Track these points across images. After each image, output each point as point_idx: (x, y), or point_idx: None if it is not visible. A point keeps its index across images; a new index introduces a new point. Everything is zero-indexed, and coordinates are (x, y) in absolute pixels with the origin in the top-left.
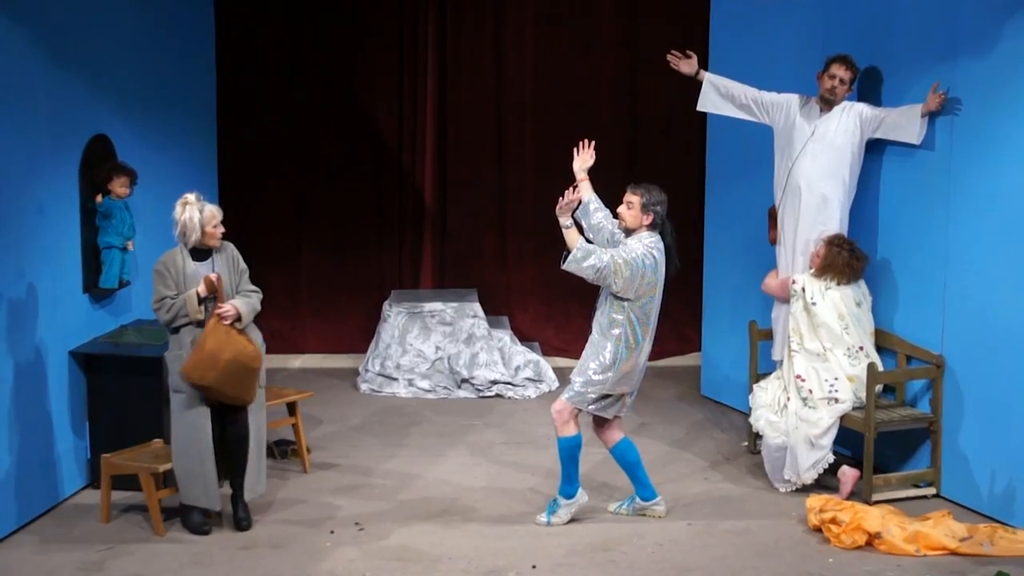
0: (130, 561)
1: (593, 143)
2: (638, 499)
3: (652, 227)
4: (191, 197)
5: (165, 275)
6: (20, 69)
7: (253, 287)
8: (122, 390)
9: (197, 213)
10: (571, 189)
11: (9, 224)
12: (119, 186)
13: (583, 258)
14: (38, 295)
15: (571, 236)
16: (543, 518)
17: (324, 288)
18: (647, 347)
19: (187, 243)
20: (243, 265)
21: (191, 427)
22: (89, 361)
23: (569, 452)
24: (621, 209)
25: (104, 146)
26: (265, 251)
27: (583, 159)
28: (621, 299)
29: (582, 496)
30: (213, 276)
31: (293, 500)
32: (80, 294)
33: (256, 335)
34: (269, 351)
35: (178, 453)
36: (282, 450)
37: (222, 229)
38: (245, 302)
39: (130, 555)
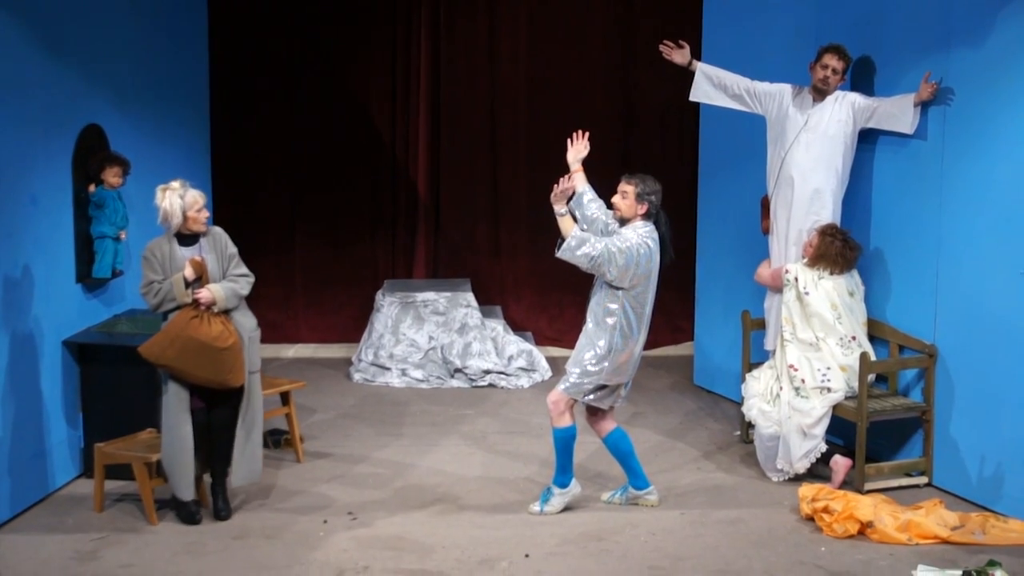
0: (123, 550)
1: (587, 133)
2: (631, 488)
3: (647, 217)
4: (175, 184)
5: (152, 260)
6: (13, 59)
7: (244, 271)
8: (115, 380)
9: (178, 199)
10: (566, 177)
11: (2, 214)
12: (112, 176)
13: (577, 246)
14: (31, 285)
15: (566, 224)
16: (536, 507)
17: (317, 278)
18: (642, 337)
19: (170, 228)
20: (232, 249)
21: (170, 415)
22: (82, 351)
23: (564, 443)
24: (616, 199)
25: (97, 136)
26: (259, 241)
27: (577, 150)
28: (616, 289)
29: (575, 487)
30: (199, 258)
31: (286, 489)
32: (73, 284)
33: (247, 319)
34: (262, 341)
35: (163, 442)
36: (275, 440)
37: (206, 214)
38: (224, 286)
39: (123, 544)
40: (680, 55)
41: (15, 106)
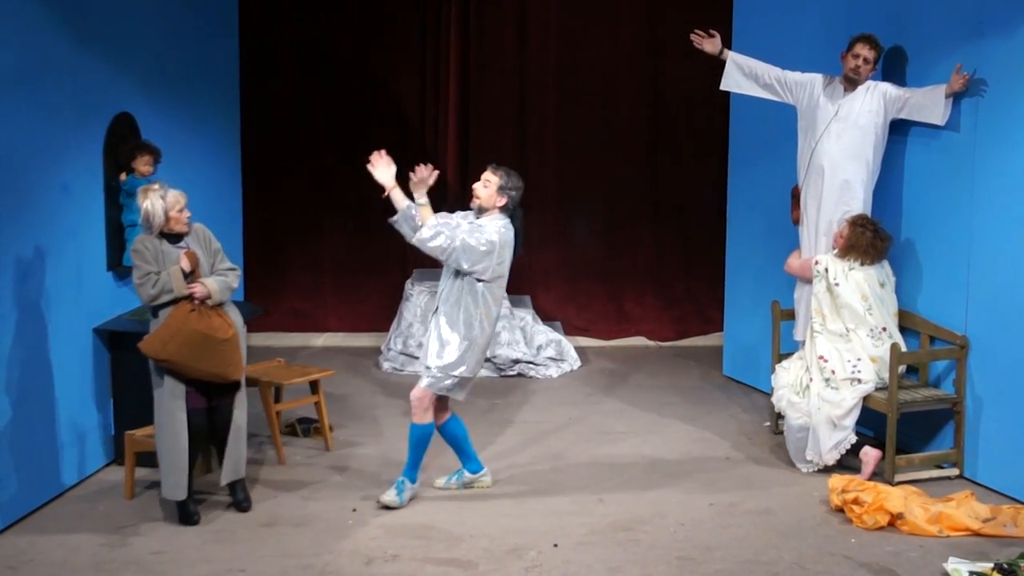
0: (154, 538)
1: (384, 151)
2: (466, 472)
3: (504, 210)
4: (155, 185)
5: (144, 252)
6: (44, 48)
7: (230, 265)
8: (145, 368)
9: (159, 200)
10: (426, 166)
11: (34, 202)
12: (143, 164)
13: (431, 238)
14: (62, 273)
15: (425, 213)
16: (393, 498)
17: (346, 267)
18: (493, 329)
19: (152, 230)
20: (216, 244)
21: (165, 413)
22: (113, 338)
23: (423, 440)
24: (477, 186)
25: (128, 124)
26: (287, 230)
27: (382, 168)
28: (477, 283)
29: (418, 484)
30: (191, 250)
31: (315, 478)
32: (104, 272)
33: (236, 315)
34: (291, 330)
35: (157, 442)
36: (304, 428)
37: (188, 214)
38: (217, 280)
39: (153, 532)
40: (711, 44)
41: (46, 94)
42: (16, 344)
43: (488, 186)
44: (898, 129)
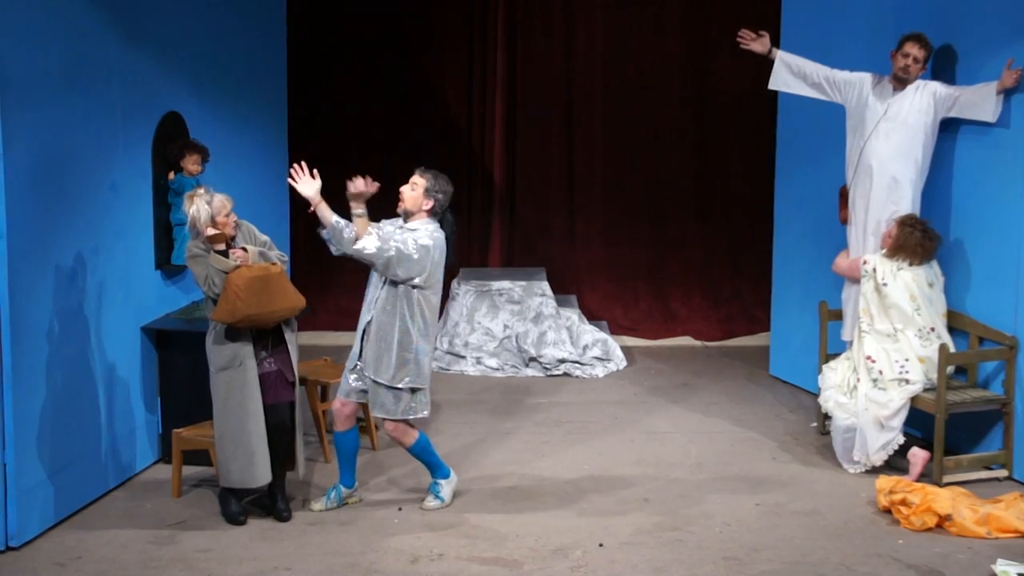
0: (201, 536)
1: (304, 164)
2: (343, 488)
3: (431, 214)
4: (200, 190)
5: (201, 256)
6: (94, 47)
7: (279, 253)
8: (193, 366)
9: (205, 206)
10: (364, 179)
11: (83, 201)
12: (191, 163)
13: (369, 248)
14: (111, 272)
15: (361, 224)
16: (435, 502)
17: None
18: (433, 337)
19: (201, 235)
20: (263, 237)
21: (240, 405)
22: (161, 337)
23: (425, 450)
24: (404, 188)
25: (176, 124)
26: None
27: (307, 183)
28: (412, 296)
29: (454, 476)
30: (212, 230)
31: (361, 477)
32: (152, 270)
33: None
34: (338, 328)
35: (225, 435)
36: None
37: (235, 218)
38: (252, 249)
39: (200, 530)
40: (760, 44)
41: (96, 94)
42: (65, 342)
43: (415, 188)
44: (948, 127)
